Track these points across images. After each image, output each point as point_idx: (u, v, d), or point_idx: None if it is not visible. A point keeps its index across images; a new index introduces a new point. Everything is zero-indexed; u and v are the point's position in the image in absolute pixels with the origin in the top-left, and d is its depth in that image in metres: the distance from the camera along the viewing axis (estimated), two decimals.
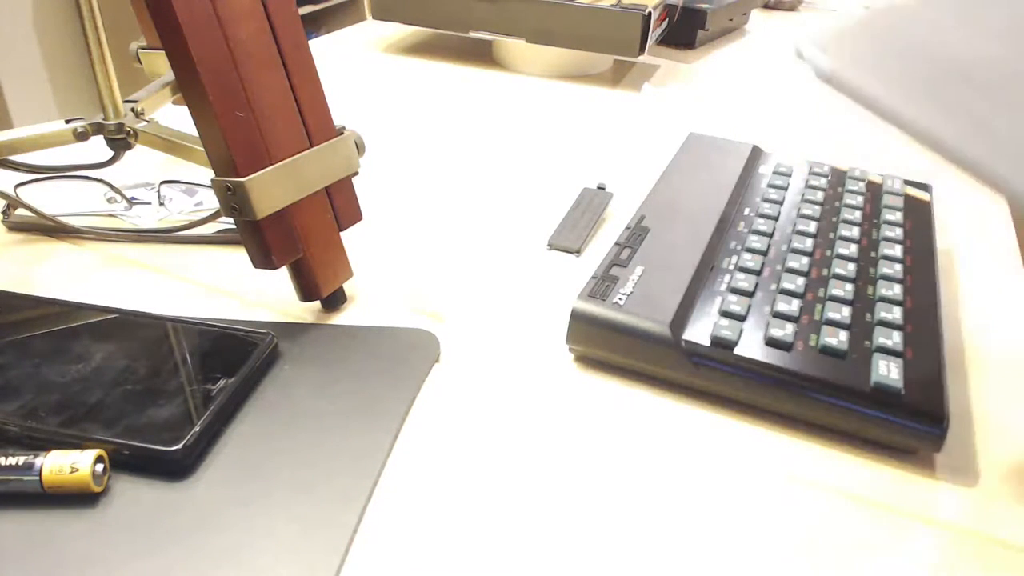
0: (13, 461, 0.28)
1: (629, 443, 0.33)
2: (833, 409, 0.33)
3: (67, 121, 0.44)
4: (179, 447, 0.30)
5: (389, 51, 0.84)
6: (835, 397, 0.33)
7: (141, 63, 0.54)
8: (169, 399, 0.32)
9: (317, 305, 0.41)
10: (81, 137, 0.44)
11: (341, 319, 0.40)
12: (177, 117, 0.48)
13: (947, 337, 0.41)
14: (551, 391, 0.36)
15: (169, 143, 0.44)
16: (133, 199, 0.48)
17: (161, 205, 0.48)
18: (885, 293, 0.39)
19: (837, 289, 0.39)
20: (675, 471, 0.32)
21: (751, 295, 0.38)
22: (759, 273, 0.40)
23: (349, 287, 0.41)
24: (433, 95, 0.72)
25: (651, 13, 0.71)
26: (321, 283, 0.39)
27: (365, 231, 0.48)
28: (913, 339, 0.36)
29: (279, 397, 0.34)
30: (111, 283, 0.42)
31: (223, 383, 0.33)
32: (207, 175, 0.38)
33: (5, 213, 0.46)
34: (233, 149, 0.33)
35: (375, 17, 0.80)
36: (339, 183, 0.39)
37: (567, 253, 0.47)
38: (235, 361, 0.34)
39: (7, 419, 0.31)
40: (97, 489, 0.29)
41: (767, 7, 1.12)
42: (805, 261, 0.41)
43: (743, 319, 0.37)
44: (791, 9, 1.12)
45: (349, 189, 0.40)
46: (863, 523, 0.30)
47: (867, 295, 0.39)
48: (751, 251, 0.42)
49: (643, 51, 0.72)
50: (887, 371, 0.34)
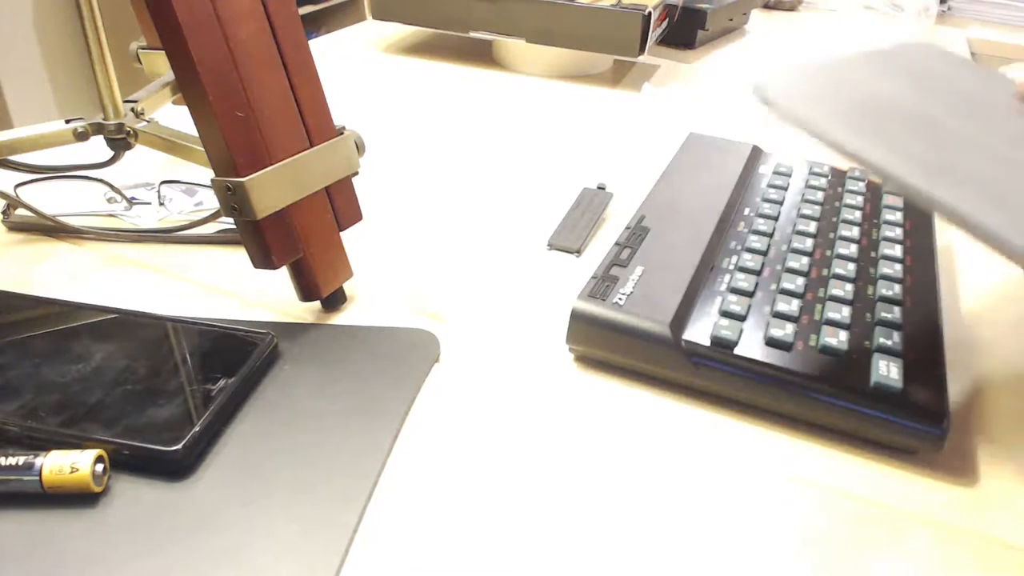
0: (13, 461, 0.28)
1: (629, 443, 0.33)
2: (833, 409, 0.33)
3: (67, 121, 0.44)
4: (179, 447, 0.30)
5: (389, 51, 0.84)
6: (835, 397, 0.33)
7: (141, 63, 0.54)
8: (169, 399, 0.32)
9: (317, 305, 0.41)
10: (81, 137, 0.44)
11: (341, 319, 0.40)
12: (177, 117, 0.48)
13: (947, 337, 0.41)
14: (551, 391, 0.36)
15: (169, 143, 0.44)
16: (133, 199, 0.48)
17: (161, 205, 0.48)
18: (885, 293, 0.39)
19: (837, 289, 0.39)
20: (675, 471, 0.32)
21: (751, 295, 0.38)
22: (759, 273, 0.40)
23: (349, 287, 0.41)
24: (433, 95, 0.72)
25: (651, 13, 0.71)
26: (321, 283, 0.39)
27: (365, 231, 0.48)
28: (913, 339, 0.36)
29: (279, 397, 0.34)
30: (111, 283, 0.42)
31: (223, 383, 0.33)
32: (207, 175, 0.38)
33: (5, 213, 0.46)
34: (233, 149, 0.33)
35: (375, 17, 0.81)
36: (339, 183, 0.39)
37: (567, 253, 0.47)
38: (235, 361, 0.34)
39: (7, 419, 0.31)
40: (97, 489, 0.29)
41: (767, 7, 1.12)
42: (805, 261, 0.41)
43: (743, 319, 0.37)
44: (791, 9, 1.12)
45: (349, 189, 0.40)
46: (863, 523, 0.30)
47: (867, 295, 0.39)
48: (751, 251, 0.42)
49: (643, 51, 0.72)
50: (887, 371, 0.34)
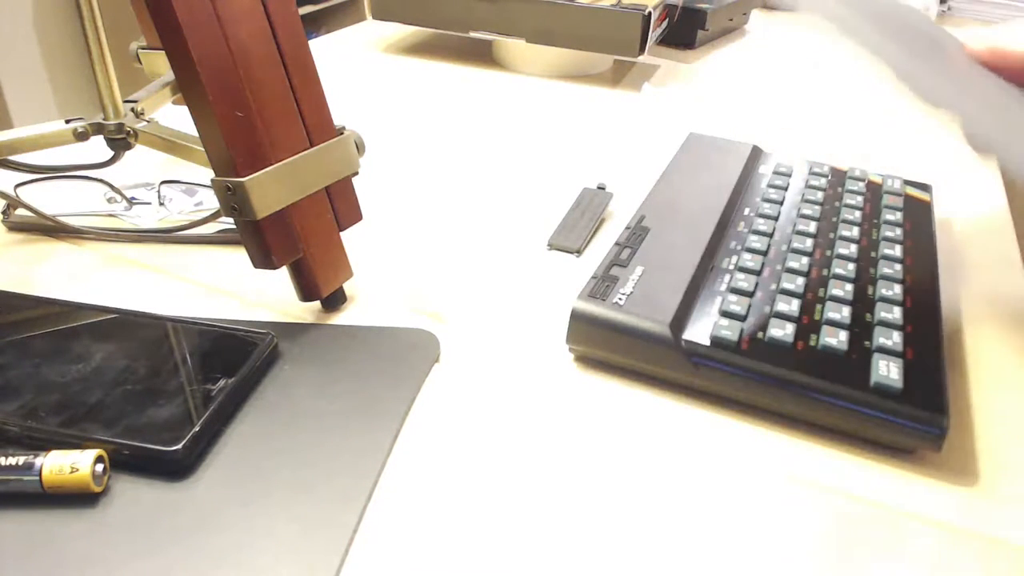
0: (13, 461, 0.28)
1: (629, 443, 0.33)
2: (833, 409, 0.33)
3: (67, 121, 0.44)
4: (179, 447, 0.30)
5: (389, 51, 0.84)
6: (835, 397, 0.33)
7: (141, 63, 0.54)
8: (169, 399, 0.32)
9: (317, 305, 0.41)
10: (81, 137, 0.44)
11: (341, 319, 0.40)
12: (177, 117, 0.48)
13: (947, 337, 0.41)
14: (551, 391, 0.36)
15: (169, 143, 0.44)
16: (133, 199, 0.48)
17: (161, 205, 0.48)
18: (885, 293, 0.39)
19: (837, 289, 0.39)
20: (675, 471, 0.32)
21: (751, 295, 0.38)
22: (759, 273, 0.40)
23: (349, 287, 0.41)
24: (433, 95, 0.72)
25: (651, 13, 0.71)
26: (321, 283, 0.39)
27: (365, 231, 0.48)
28: (913, 339, 0.36)
29: (279, 397, 0.34)
30: (111, 283, 0.42)
31: (223, 383, 0.33)
32: (207, 175, 0.38)
33: (5, 213, 0.46)
34: (233, 149, 0.33)
35: (375, 17, 0.80)
36: (339, 183, 0.39)
37: (567, 253, 0.47)
38: (235, 361, 0.34)
39: (7, 419, 0.31)
40: (97, 489, 0.29)
41: (767, 7, 1.12)
42: (805, 261, 0.41)
43: (743, 319, 0.37)
44: (791, 9, 1.12)
45: (349, 189, 0.40)
46: (863, 523, 0.30)
47: (867, 295, 0.39)
48: (751, 251, 0.42)
49: (643, 51, 0.72)
50: (887, 371, 0.34)
